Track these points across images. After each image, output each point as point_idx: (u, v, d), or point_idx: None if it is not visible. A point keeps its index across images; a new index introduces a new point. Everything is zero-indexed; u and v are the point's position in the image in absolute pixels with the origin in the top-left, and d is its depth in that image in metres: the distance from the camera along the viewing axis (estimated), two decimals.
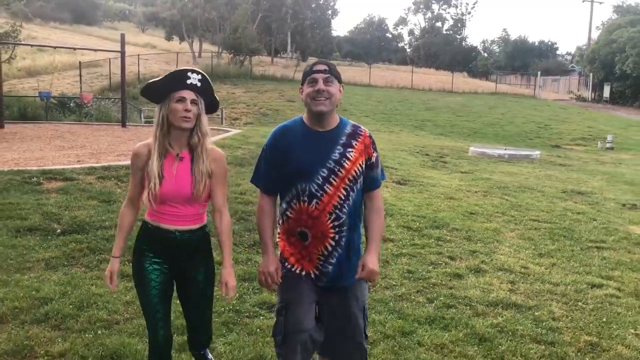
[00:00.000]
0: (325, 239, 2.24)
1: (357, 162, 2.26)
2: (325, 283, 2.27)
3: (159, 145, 2.17)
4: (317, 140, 2.25)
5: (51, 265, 3.88)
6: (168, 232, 2.22)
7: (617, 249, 5.71)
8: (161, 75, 2.21)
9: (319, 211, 2.22)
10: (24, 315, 3.12)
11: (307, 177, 2.22)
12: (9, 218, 4.68)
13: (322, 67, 2.25)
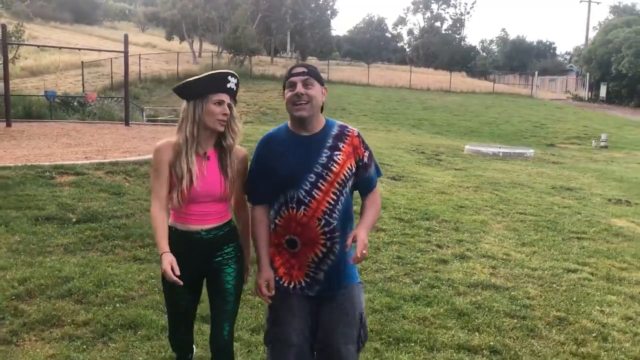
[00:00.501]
0: (315, 246, 2.18)
1: (345, 165, 2.20)
2: (317, 292, 2.22)
3: (193, 144, 2.17)
4: (302, 145, 2.20)
5: (69, 250, 4.24)
6: (194, 233, 2.20)
7: (596, 239, 6.07)
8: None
9: (307, 218, 2.16)
10: (49, 291, 3.48)
11: (295, 183, 2.17)
12: (28, 208, 5.04)
13: (300, 70, 2.20)
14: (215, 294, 2.28)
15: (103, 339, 2.98)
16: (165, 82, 30.87)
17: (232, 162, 2.23)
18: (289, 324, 2.19)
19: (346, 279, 2.23)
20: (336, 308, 2.21)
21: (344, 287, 2.22)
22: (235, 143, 2.24)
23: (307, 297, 2.21)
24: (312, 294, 2.21)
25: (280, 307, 2.22)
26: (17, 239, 4.34)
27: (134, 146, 9.94)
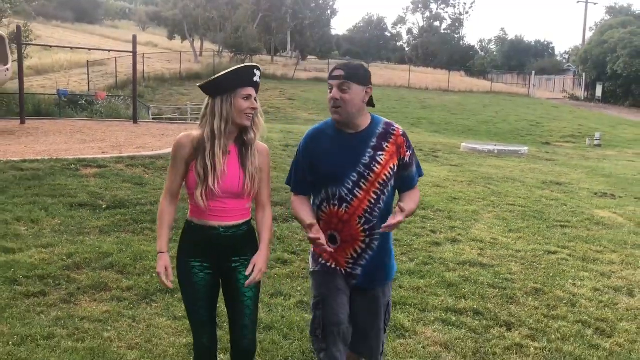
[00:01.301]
0: (354, 242, 2.23)
1: (387, 166, 2.22)
2: (354, 284, 2.30)
3: (220, 139, 2.13)
4: (347, 144, 2.22)
5: (105, 231, 4.78)
6: (212, 229, 2.16)
7: (578, 227, 6.62)
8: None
9: (349, 215, 2.20)
10: (94, 264, 4.02)
11: (338, 181, 2.20)
12: (62, 196, 5.57)
13: (337, 73, 2.19)
14: (233, 301, 2.24)
15: (146, 300, 3.52)
16: (168, 81, 31.43)
17: (253, 157, 2.18)
18: (336, 302, 2.24)
19: (385, 275, 2.33)
20: (371, 301, 2.31)
21: (380, 286, 2.32)
22: (257, 138, 2.20)
23: (348, 284, 2.29)
24: (352, 282, 2.29)
25: (328, 287, 2.26)
26: (57, 222, 4.88)
27: (146, 142, 10.46)
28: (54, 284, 3.65)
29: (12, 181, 5.95)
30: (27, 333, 2.97)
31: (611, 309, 3.92)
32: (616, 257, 5.35)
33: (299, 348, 2.99)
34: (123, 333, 3.08)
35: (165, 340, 3.00)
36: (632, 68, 30.95)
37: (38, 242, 4.36)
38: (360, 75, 2.17)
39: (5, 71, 11.12)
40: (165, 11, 42.29)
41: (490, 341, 3.28)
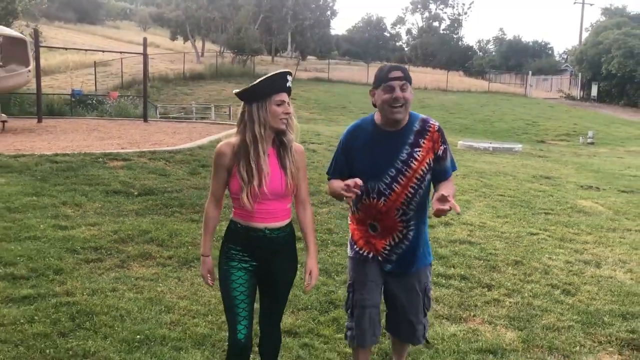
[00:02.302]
0: (393, 231, 2.38)
1: (424, 161, 2.33)
2: (389, 269, 2.45)
3: (260, 144, 2.20)
4: (385, 141, 2.35)
5: (140, 214, 5.45)
6: (257, 231, 2.23)
7: (560, 214, 7.30)
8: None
9: (387, 207, 2.35)
10: (136, 239, 4.70)
11: (376, 176, 2.33)
12: (97, 184, 6.25)
13: (398, 74, 2.30)
14: (270, 294, 2.34)
15: (185, 266, 4.20)
16: (173, 81, 32.08)
17: (292, 157, 2.27)
18: (368, 288, 2.43)
19: (418, 262, 2.46)
20: (405, 286, 2.47)
21: (416, 270, 2.47)
22: (294, 139, 2.29)
23: (382, 270, 2.46)
24: (386, 269, 2.46)
25: (359, 273, 2.46)
26: (98, 205, 5.56)
27: (160, 139, 11.11)
28: (106, 253, 4.33)
29: (50, 172, 6.62)
30: (96, 287, 3.65)
31: (578, 276, 4.60)
32: (591, 238, 6.03)
33: (316, 299, 3.67)
34: (172, 288, 3.76)
35: (208, 293, 3.68)
36: (626, 68, 31.64)
37: (85, 221, 5.04)
38: (410, 77, 2.37)
39: (27, 73, 11.78)
40: (168, 12, 42.94)
41: (472, 297, 3.97)
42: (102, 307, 3.34)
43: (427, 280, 2.52)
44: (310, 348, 3.00)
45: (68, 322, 3.12)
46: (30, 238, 4.44)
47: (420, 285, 2.48)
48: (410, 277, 2.45)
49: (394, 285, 2.47)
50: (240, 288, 2.24)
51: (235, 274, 2.24)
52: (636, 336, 3.44)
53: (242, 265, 2.25)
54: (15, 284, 3.62)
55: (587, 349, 3.27)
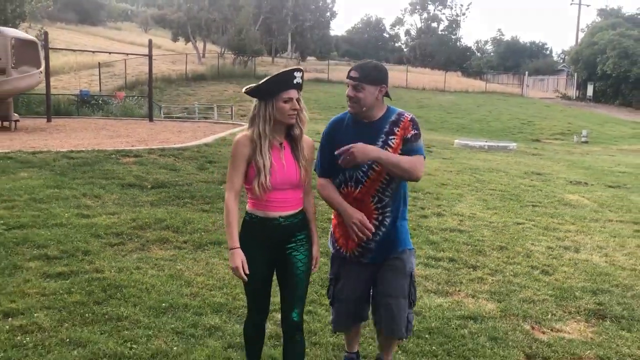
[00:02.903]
0: (369, 220, 2.45)
1: (398, 148, 2.44)
2: (370, 259, 2.54)
3: (266, 139, 2.32)
4: (362, 131, 2.47)
5: (155, 204, 5.89)
6: (272, 220, 2.36)
7: (547, 206, 7.74)
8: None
9: (362, 194, 2.46)
10: (153, 226, 5.13)
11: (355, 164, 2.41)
12: (112, 178, 6.69)
13: (352, 74, 2.46)
14: (286, 279, 2.44)
15: (200, 249, 4.64)
16: (175, 82, 32.52)
17: (302, 149, 2.40)
18: (345, 284, 2.59)
19: (399, 245, 2.55)
20: (388, 267, 2.54)
21: (397, 254, 2.54)
22: (303, 132, 2.40)
23: (363, 263, 2.56)
24: (366, 261, 2.55)
25: (338, 269, 2.64)
26: (115, 197, 5.99)
27: (167, 137, 11.54)
28: (127, 238, 4.76)
29: (68, 167, 7.06)
30: (121, 266, 4.08)
31: (557, 259, 5.05)
32: (573, 227, 6.47)
33: (318, 277, 4.10)
34: (189, 266, 4.20)
35: (222, 271, 4.12)
36: (620, 69, 32.13)
37: (105, 210, 5.48)
38: (373, 76, 2.44)
39: (39, 74, 12.21)
40: (170, 14, 43.41)
41: (458, 276, 4.41)
42: (129, 281, 3.77)
43: (411, 265, 2.58)
44: (313, 314, 3.44)
45: (101, 294, 3.55)
46: (57, 225, 4.88)
47: (406, 268, 2.54)
48: (395, 259, 2.53)
49: (378, 272, 2.55)
50: (258, 277, 2.36)
51: (253, 266, 2.33)
52: (602, 307, 3.88)
53: (259, 257, 2.36)
54: (49, 263, 4.05)
55: (557, 317, 3.70)
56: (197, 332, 3.11)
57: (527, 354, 3.11)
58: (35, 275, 3.79)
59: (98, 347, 2.84)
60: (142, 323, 3.15)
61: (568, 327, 3.55)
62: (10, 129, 12.08)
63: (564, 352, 3.16)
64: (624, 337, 3.39)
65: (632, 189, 9.92)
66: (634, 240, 5.91)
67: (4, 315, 3.16)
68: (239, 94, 30.37)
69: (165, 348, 2.90)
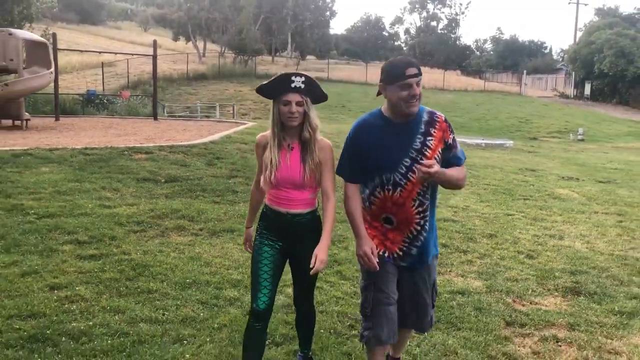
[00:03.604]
0: (410, 224, 2.39)
1: (437, 149, 2.37)
2: (409, 264, 2.46)
3: (275, 138, 2.48)
4: (397, 131, 2.38)
5: (169, 197, 6.33)
6: (282, 215, 2.50)
7: (538, 200, 8.18)
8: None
9: (403, 199, 2.35)
10: (170, 215, 5.57)
11: (391, 167, 2.34)
12: (127, 173, 7.12)
13: (414, 71, 2.33)
14: (296, 276, 2.63)
15: (215, 235, 5.08)
16: (177, 81, 32.97)
17: (313, 153, 2.46)
18: (386, 287, 2.44)
19: (431, 254, 2.52)
20: (418, 277, 2.51)
21: (428, 262, 2.52)
22: (314, 136, 2.47)
23: (399, 266, 2.48)
24: (404, 264, 2.47)
25: (378, 273, 2.43)
26: (132, 190, 6.43)
27: (173, 136, 11.97)
28: (148, 226, 5.20)
29: (85, 162, 7.50)
30: (146, 249, 4.52)
31: (542, 246, 5.49)
32: (560, 218, 6.92)
33: None
34: (206, 250, 4.64)
35: (236, 254, 4.56)
36: (617, 67, 32.56)
37: (124, 202, 5.92)
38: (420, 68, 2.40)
39: (50, 74, 12.64)
40: (171, 13, 43.84)
41: (450, 259, 4.85)
42: (154, 262, 4.21)
43: (435, 273, 2.59)
44: (320, 289, 3.87)
45: (131, 272, 3.99)
46: (82, 214, 5.32)
47: (430, 279, 2.54)
48: (422, 271, 2.50)
49: (406, 278, 2.50)
50: (265, 261, 2.50)
51: (263, 249, 2.52)
52: (578, 285, 4.33)
53: (270, 243, 2.53)
54: (81, 246, 4.49)
55: (537, 293, 4.15)
56: (219, 302, 3.56)
57: (507, 321, 3.55)
58: (70, 256, 4.24)
59: (135, 314, 3.28)
60: (170, 295, 3.59)
61: (546, 301, 4.00)
62: (21, 127, 12.50)
63: (540, 320, 3.60)
64: (593, 309, 3.84)
65: (621, 184, 10.37)
66: (616, 230, 6.36)
67: (50, 288, 3.61)
68: (240, 93, 30.82)
69: (193, 314, 3.34)
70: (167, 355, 2.82)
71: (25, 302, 3.34)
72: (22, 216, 5.12)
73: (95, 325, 3.11)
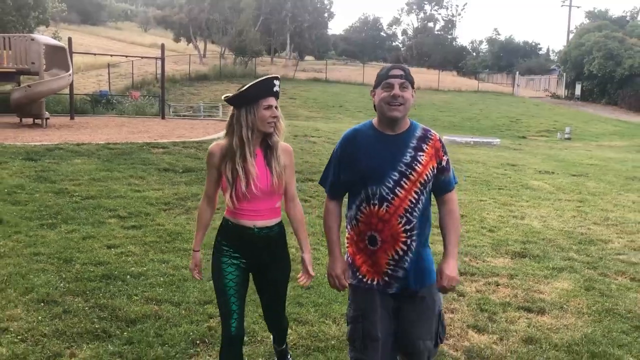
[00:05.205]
0: (396, 243, 2.26)
1: (428, 166, 2.27)
2: (396, 289, 2.30)
3: (248, 146, 2.34)
4: (387, 144, 2.28)
5: (188, 184, 7.36)
6: (247, 229, 2.36)
7: (511, 189, 9.22)
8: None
9: (389, 214, 2.24)
10: (191, 198, 6.59)
11: (378, 180, 2.24)
12: (149, 164, 8.15)
13: (398, 72, 2.26)
14: (264, 290, 2.50)
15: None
16: (179, 82, 34.03)
17: (278, 157, 2.39)
18: (372, 319, 2.29)
19: (427, 278, 2.32)
20: (417, 306, 2.32)
21: (426, 286, 2.32)
22: (280, 140, 2.41)
23: (389, 294, 2.31)
24: (392, 291, 2.31)
25: (364, 303, 2.32)
26: (155, 178, 7.46)
27: (182, 133, 12.98)
28: (174, 206, 6.24)
29: (111, 155, 8.53)
30: (176, 222, 5.56)
31: (504, 223, 6.53)
32: (526, 204, 7.96)
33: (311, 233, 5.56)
34: None
35: None
36: (606, 69, 33.66)
37: (151, 187, 6.95)
38: (412, 78, 2.31)
39: (68, 76, 13.65)
40: (172, 15, 44.88)
41: None
42: (184, 231, 5.25)
43: (440, 302, 2.40)
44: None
45: (167, 237, 5.03)
46: (118, 196, 6.34)
47: (434, 305, 2.35)
48: (422, 298, 2.33)
49: (404, 309, 2.34)
50: (230, 283, 2.38)
51: (227, 270, 2.39)
52: (525, 250, 5.37)
53: (233, 262, 2.40)
54: (122, 220, 5.52)
55: (490, 255, 5.19)
56: None
57: (461, 272, 4.58)
58: (116, 226, 5.27)
59: (176, 263, 4.32)
60: (203, 252, 4.61)
61: (496, 260, 5.04)
62: (42, 125, 13.51)
63: (487, 271, 4.65)
64: (531, 265, 4.89)
65: (592, 177, 11.41)
66: (572, 213, 7.40)
67: (107, 247, 4.65)
68: None
69: None
70: (205, 286, 3.85)
71: (91, 256, 4.38)
72: (69, 197, 6.15)
73: (148, 270, 4.14)
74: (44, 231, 4.99)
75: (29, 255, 4.30)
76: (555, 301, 4.08)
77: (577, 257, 5.24)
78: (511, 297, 4.12)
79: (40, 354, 2.86)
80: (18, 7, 16.03)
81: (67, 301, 3.52)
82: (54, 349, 2.92)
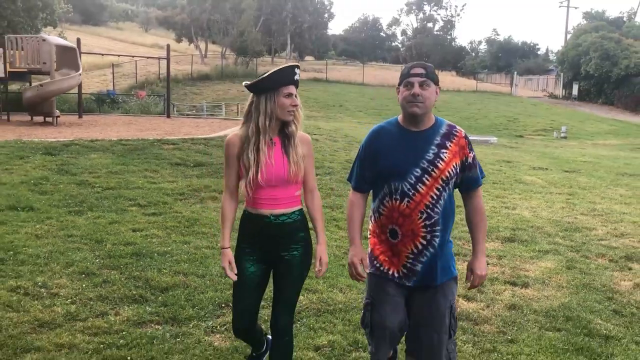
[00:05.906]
0: (415, 238, 2.30)
1: (451, 163, 2.29)
2: (414, 282, 2.35)
3: (265, 134, 2.34)
4: (411, 140, 2.32)
5: (199, 177, 7.81)
6: (264, 217, 2.37)
7: (505, 184, 9.68)
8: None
9: (410, 210, 2.28)
10: (204, 190, 7.05)
11: (400, 176, 2.28)
12: (162, 159, 8.61)
13: (419, 71, 2.29)
14: (278, 284, 2.46)
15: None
16: (182, 82, 34.48)
17: (296, 146, 2.38)
18: (383, 308, 2.36)
19: (442, 275, 2.36)
20: (430, 300, 2.36)
21: (440, 284, 2.36)
22: (298, 129, 2.40)
23: (405, 286, 2.37)
24: (409, 284, 2.37)
25: (377, 292, 2.39)
26: (168, 172, 7.92)
27: (189, 131, 13.41)
28: (188, 196, 6.69)
29: (124, 151, 8.98)
30: (192, 210, 6.02)
31: (496, 213, 6.99)
32: (519, 196, 8.42)
33: None
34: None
35: None
36: (602, 69, 34.16)
37: (165, 179, 7.41)
38: (435, 75, 2.33)
39: (78, 76, 14.11)
40: (174, 15, 45.36)
41: None
42: (201, 217, 5.70)
43: (453, 297, 2.43)
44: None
45: (186, 222, 5.49)
46: (136, 188, 6.80)
47: (445, 301, 2.38)
48: (435, 292, 2.37)
49: (417, 301, 2.40)
50: (249, 282, 2.41)
51: (246, 269, 2.41)
52: (515, 236, 5.83)
53: (253, 259, 2.42)
54: (143, 208, 5.98)
55: None
56: None
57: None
58: (138, 213, 5.73)
59: (197, 244, 4.78)
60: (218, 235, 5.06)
61: (487, 244, 5.46)
62: (53, 123, 13.96)
63: None
64: (519, 249, 5.35)
65: (583, 173, 11.87)
66: (561, 204, 7.86)
67: (133, 230, 5.11)
68: (243, 93, 32.19)
69: None
70: None
71: (120, 238, 4.84)
72: (91, 188, 6.61)
73: (172, 249, 4.61)
74: (73, 217, 5.45)
75: (63, 237, 4.77)
76: (538, 277, 4.54)
77: (562, 242, 5.70)
78: (499, 274, 4.58)
79: (89, 312, 3.33)
80: (27, 9, 16.48)
81: (104, 274, 3.99)
82: (101, 309, 3.38)
